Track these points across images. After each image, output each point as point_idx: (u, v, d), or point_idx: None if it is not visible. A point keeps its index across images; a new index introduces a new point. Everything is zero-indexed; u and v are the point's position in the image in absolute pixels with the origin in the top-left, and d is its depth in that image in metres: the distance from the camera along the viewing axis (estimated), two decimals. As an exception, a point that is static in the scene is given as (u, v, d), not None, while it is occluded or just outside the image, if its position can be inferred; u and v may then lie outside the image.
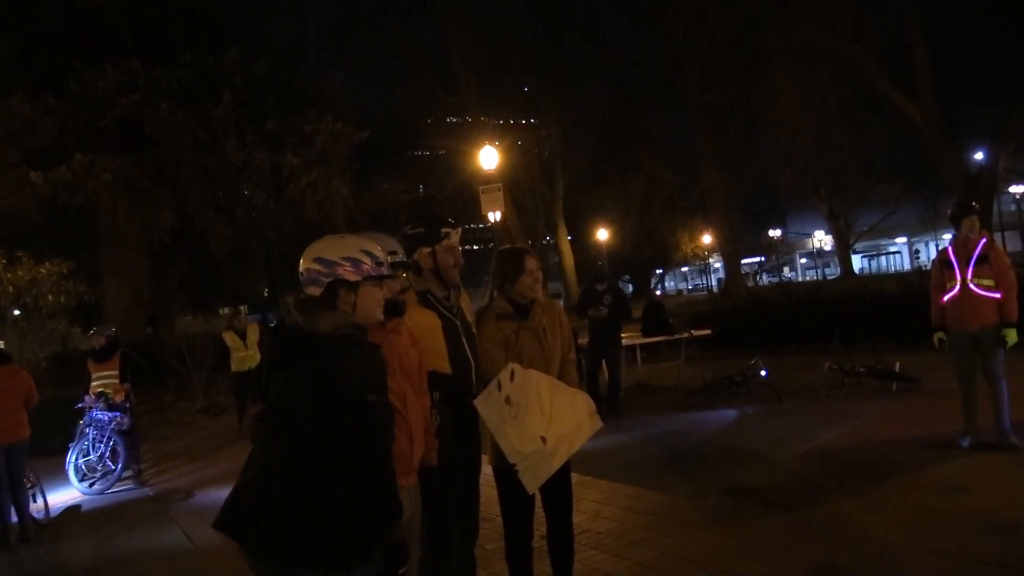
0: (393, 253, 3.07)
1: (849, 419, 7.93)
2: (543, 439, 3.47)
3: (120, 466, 8.85)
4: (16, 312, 16.55)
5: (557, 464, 3.52)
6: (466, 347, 3.53)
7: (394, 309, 3.02)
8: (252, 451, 2.51)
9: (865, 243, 54.17)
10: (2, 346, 7.30)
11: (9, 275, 15.53)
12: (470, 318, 3.69)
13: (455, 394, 3.40)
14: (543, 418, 3.49)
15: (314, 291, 2.53)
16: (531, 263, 3.70)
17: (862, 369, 9.54)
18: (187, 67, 18.94)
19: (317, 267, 2.53)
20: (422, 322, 3.36)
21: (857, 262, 53.70)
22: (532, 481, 3.48)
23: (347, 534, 2.32)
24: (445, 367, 3.41)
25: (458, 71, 31.51)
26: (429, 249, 3.46)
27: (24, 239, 17.90)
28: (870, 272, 54.39)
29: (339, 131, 20.46)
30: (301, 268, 2.57)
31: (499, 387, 3.44)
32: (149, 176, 19.22)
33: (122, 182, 18.61)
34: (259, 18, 24.14)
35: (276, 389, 2.42)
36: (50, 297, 15.75)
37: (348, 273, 2.53)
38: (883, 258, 62.07)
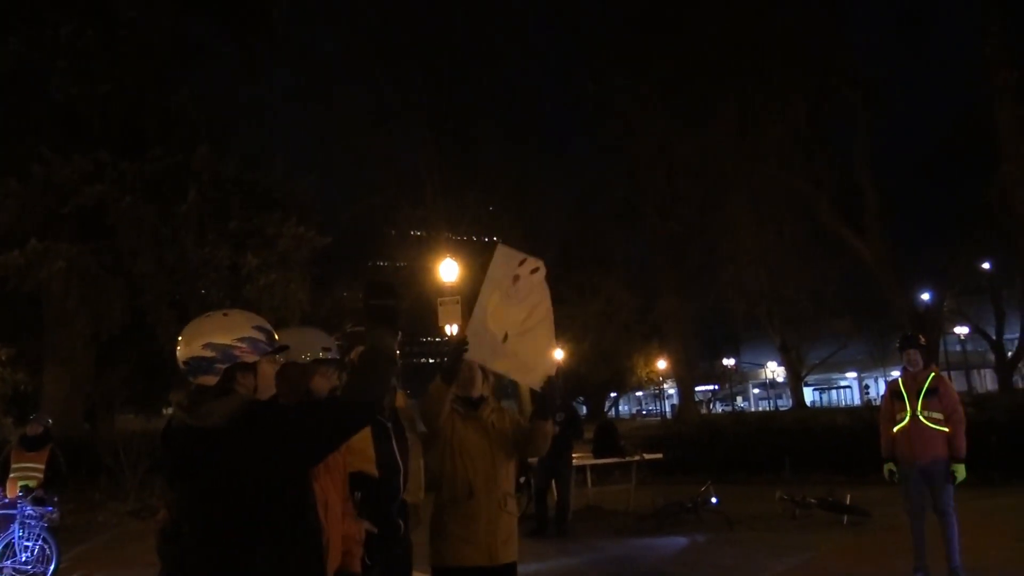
0: (327, 349, 2.99)
1: (800, 551, 7.80)
2: (506, 335, 3.41)
3: (53, 567, 8.26)
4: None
5: (494, 366, 3.50)
6: (395, 451, 3.44)
7: None
8: (161, 572, 2.30)
9: (817, 376, 54.96)
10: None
11: (-57, 358, 15.01)
12: (405, 421, 3.63)
13: (379, 498, 3.29)
14: (519, 324, 3.43)
15: (207, 380, 2.24)
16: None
17: (813, 500, 9.46)
18: (156, 161, 19.00)
19: (209, 353, 2.24)
20: None
21: (809, 394, 54.28)
22: (472, 350, 3.41)
23: None
24: (372, 470, 3.29)
25: (424, 185, 32.11)
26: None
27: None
28: (821, 405, 54.95)
29: (302, 235, 20.50)
30: (185, 356, 2.28)
31: (521, 262, 3.43)
32: (105, 266, 18.94)
33: (76, 270, 18.30)
34: (232, 118, 24.52)
35: (182, 503, 2.20)
36: (-16, 383, 15.21)
37: (246, 354, 2.27)
38: (834, 392, 62.90)
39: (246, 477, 2.11)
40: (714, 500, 9.85)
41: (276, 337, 2.45)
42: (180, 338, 2.32)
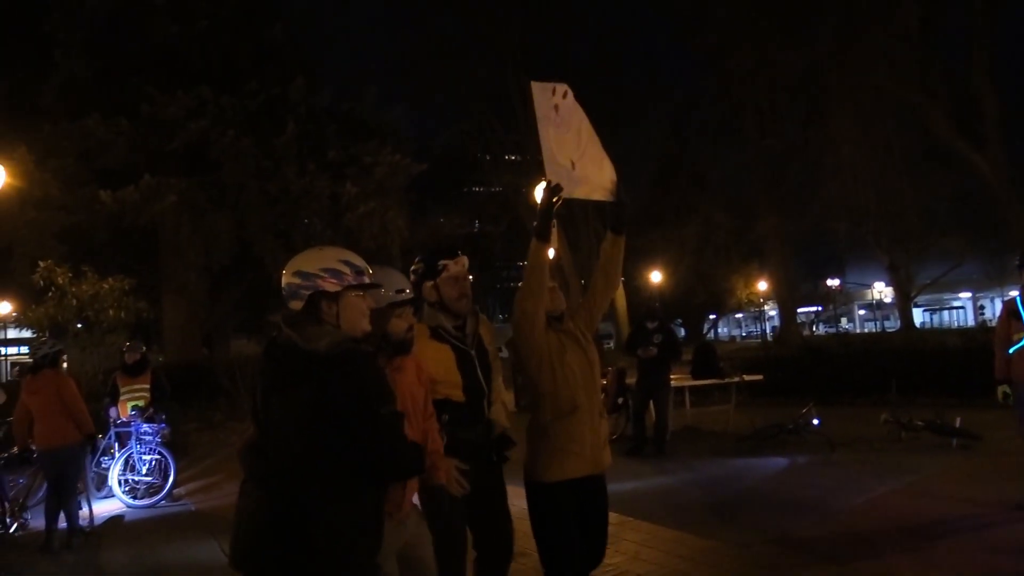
0: (401, 291, 3.07)
1: (905, 473, 7.64)
2: (572, 163, 3.52)
3: (172, 479, 8.94)
4: (79, 325, 17.02)
5: (578, 194, 3.55)
6: (480, 376, 3.55)
7: (400, 347, 3.05)
8: (245, 483, 2.45)
9: (927, 296, 52.70)
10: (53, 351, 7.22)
11: (74, 289, 16.01)
12: (489, 345, 3.69)
13: (464, 421, 3.43)
14: (577, 148, 3.56)
15: (296, 305, 2.47)
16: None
17: (920, 423, 9.21)
18: (254, 95, 19.47)
19: (297, 280, 2.48)
20: (437, 356, 3.40)
21: (919, 316, 52.29)
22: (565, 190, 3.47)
23: (358, 556, 2.31)
24: (459, 395, 3.44)
25: (516, 108, 31.79)
26: (432, 283, 3.50)
27: (89, 255, 18.44)
28: (932, 326, 52.95)
29: (398, 162, 20.77)
30: (283, 283, 2.52)
31: (553, 92, 3.54)
32: (212, 199, 19.72)
33: (186, 204, 19.12)
34: (324, 49, 24.81)
35: (275, 415, 2.34)
36: (111, 312, 16.18)
37: (328, 284, 2.46)
38: (946, 312, 60.41)
39: (329, 407, 2.26)
40: (816, 421, 9.72)
41: (368, 274, 2.57)
42: (284, 271, 2.52)
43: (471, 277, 3.62)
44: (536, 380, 3.55)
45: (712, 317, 55.12)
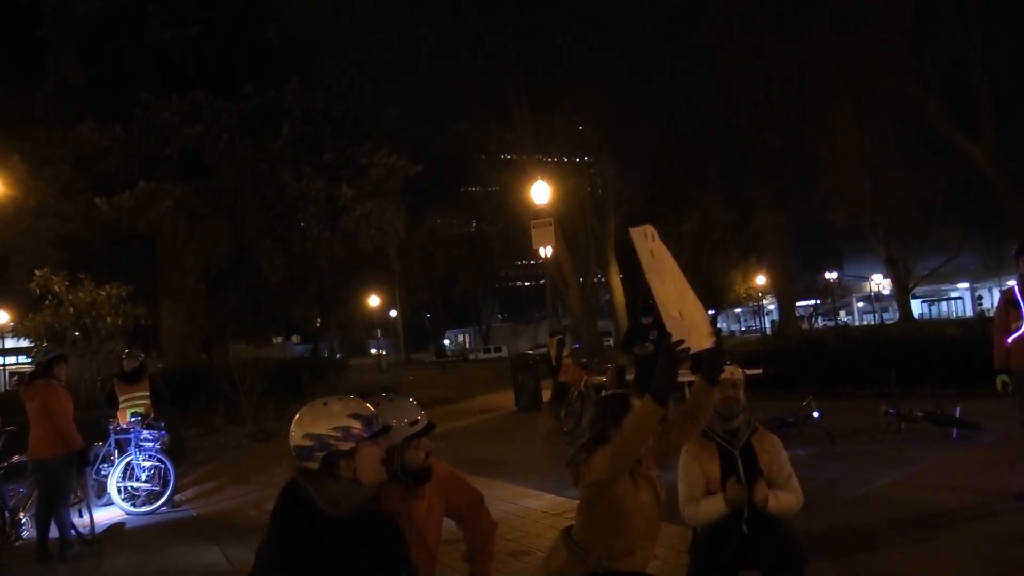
0: (413, 424, 2.96)
1: (906, 465, 7.63)
2: (680, 313, 3.12)
3: (172, 486, 8.91)
4: (76, 333, 16.99)
5: (693, 345, 3.07)
6: (742, 475, 3.90)
7: (420, 476, 2.96)
8: None
9: (925, 288, 52.84)
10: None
11: (71, 296, 16.00)
12: (764, 456, 4.05)
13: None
14: (676, 294, 3.21)
15: (311, 466, 2.44)
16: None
17: (920, 414, 9.20)
18: (249, 99, 19.45)
19: (309, 443, 2.44)
20: (702, 452, 3.91)
21: (917, 307, 52.38)
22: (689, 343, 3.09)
23: None
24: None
25: (512, 108, 31.81)
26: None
27: (86, 262, 18.41)
28: (930, 317, 53.05)
29: (394, 164, 20.76)
30: (293, 444, 2.47)
31: (646, 235, 3.26)
32: (208, 204, 19.70)
33: (182, 209, 19.10)
34: (319, 52, 24.88)
35: (281, 564, 2.32)
36: (108, 319, 16.17)
37: (340, 443, 2.44)
38: (944, 303, 60.52)
39: (348, 572, 2.30)
40: (816, 414, 9.71)
41: (377, 421, 2.55)
42: (291, 428, 2.50)
43: (743, 389, 4.08)
44: (594, 520, 3.22)
45: (711, 313, 55.11)
